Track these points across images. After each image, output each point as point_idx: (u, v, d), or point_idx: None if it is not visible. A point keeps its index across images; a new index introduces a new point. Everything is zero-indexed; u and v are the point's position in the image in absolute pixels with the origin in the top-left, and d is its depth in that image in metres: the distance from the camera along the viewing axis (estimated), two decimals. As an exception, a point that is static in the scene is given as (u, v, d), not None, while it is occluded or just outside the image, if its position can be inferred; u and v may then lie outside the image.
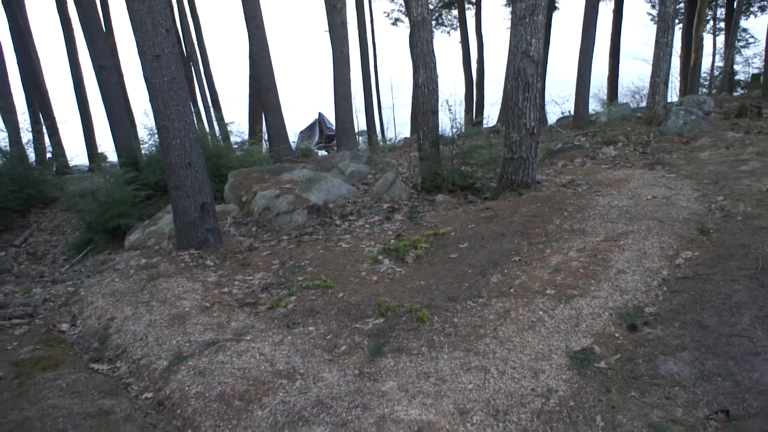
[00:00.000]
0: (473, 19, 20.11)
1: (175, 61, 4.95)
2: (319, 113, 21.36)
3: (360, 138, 15.23)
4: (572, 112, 13.67)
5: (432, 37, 6.55)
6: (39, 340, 3.93)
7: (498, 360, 3.11)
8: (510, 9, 18.34)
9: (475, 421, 2.64)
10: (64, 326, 4.25)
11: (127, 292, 4.64)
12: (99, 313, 4.32)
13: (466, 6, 20.58)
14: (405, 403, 2.82)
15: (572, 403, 2.71)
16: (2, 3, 12.96)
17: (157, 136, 9.33)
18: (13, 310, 4.29)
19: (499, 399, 2.79)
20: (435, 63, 6.59)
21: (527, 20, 5.52)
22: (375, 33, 19.06)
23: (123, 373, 3.53)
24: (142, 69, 4.94)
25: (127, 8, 4.75)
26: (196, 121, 5.42)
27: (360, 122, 16.04)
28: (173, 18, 13.28)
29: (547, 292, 3.79)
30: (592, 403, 2.71)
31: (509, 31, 18.05)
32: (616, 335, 3.26)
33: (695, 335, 3.09)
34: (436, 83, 6.66)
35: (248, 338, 3.65)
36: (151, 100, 5.03)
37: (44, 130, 13.29)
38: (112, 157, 11.14)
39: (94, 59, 9.18)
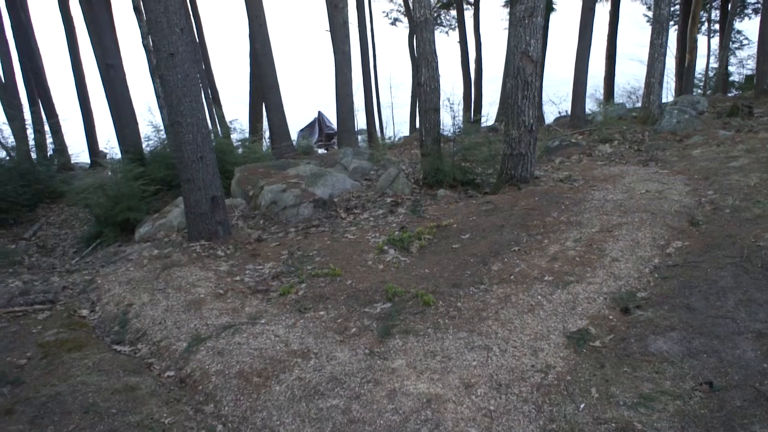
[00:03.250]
0: (472, 20, 20.35)
1: (189, 59, 5.14)
2: (319, 112, 21.57)
3: (359, 137, 15.42)
4: (569, 112, 13.91)
5: (434, 37, 6.76)
6: (62, 324, 4.12)
7: (500, 340, 3.32)
8: (508, 10, 18.58)
9: (479, 394, 2.86)
10: (84, 312, 4.44)
11: (143, 280, 4.82)
12: (117, 300, 4.51)
13: (465, 6, 20.81)
14: (414, 378, 3.03)
15: (569, 378, 2.93)
16: (6, 1, 13.08)
17: (162, 132, 9.57)
18: (35, 297, 4.48)
19: (502, 374, 3.00)
20: (437, 62, 6.81)
21: (526, 21, 5.75)
22: (374, 33, 19.24)
23: (144, 353, 3.73)
24: (157, 66, 5.14)
25: (144, 8, 4.94)
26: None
27: (359, 121, 16.24)
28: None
29: (545, 278, 4.01)
30: (587, 377, 2.93)
31: (507, 31, 18.29)
32: (610, 317, 3.48)
33: (683, 317, 3.32)
34: (438, 82, 6.88)
35: (263, 322, 3.85)
36: (165, 97, 5.22)
37: (46, 128, 13.42)
38: (112, 154, 11.30)
39: (103, 57, 9.35)
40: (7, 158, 9.66)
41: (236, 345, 3.54)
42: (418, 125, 7.74)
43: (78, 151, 14.41)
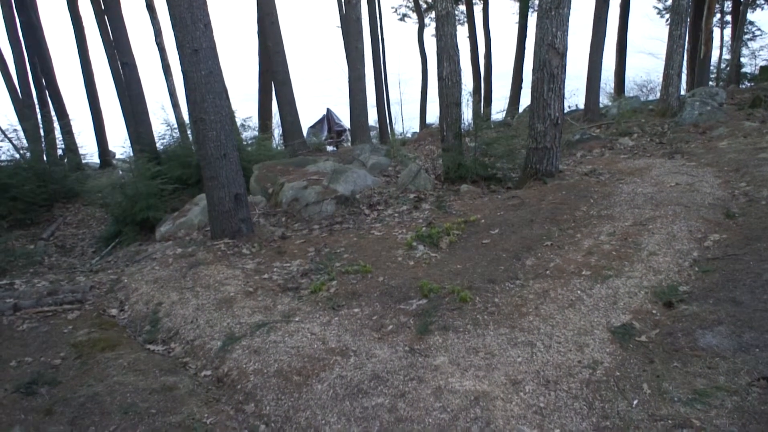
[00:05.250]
0: (481, 14, 20.23)
1: (212, 56, 5.09)
2: (327, 109, 21.50)
3: (371, 132, 15.33)
4: (579, 106, 13.77)
5: (455, 31, 6.68)
6: (92, 323, 4.09)
7: (543, 335, 3.26)
8: (518, 5, 18.43)
9: (527, 391, 2.79)
10: (113, 311, 4.41)
11: (170, 279, 4.79)
12: (146, 299, 4.47)
13: (474, 0, 20.67)
14: (458, 375, 2.97)
15: (618, 373, 2.86)
16: (15, 2, 13.05)
17: (177, 130, 9.54)
18: (63, 296, 4.45)
19: (548, 370, 2.93)
20: (458, 56, 6.73)
21: (553, 13, 5.66)
22: (383, 28, 19.14)
23: (178, 353, 3.69)
24: (180, 63, 5.08)
25: (167, 3, 4.88)
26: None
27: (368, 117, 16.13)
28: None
29: (583, 273, 3.94)
30: (637, 373, 2.85)
31: (517, 25, 18.13)
32: (654, 312, 3.40)
33: (730, 311, 3.23)
34: (460, 76, 6.80)
35: (297, 320, 3.80)
36: (188, 94, 5.17)
37: (57, 128, 13.42)
38: (128, 153, 11.30)
39: (118, 56, 9.32)
40: (20, 159, 9.66)
41: (272, 343, 3.49)
42: (438, 120, 7.67)
43: (89, 152, 14.42)
